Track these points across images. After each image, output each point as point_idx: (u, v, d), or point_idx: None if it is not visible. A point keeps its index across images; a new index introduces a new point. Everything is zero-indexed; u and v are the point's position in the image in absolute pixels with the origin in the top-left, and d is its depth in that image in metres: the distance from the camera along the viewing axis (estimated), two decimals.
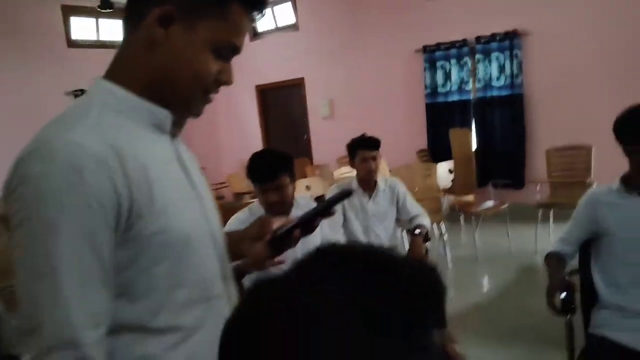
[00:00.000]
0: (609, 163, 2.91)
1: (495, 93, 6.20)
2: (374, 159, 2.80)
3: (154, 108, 0.90)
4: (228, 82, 0.94)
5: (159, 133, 0.92)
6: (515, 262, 4.49)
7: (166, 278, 0.86)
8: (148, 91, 0.89)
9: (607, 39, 5.36)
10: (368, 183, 2.86)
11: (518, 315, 3.45)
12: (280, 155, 2.18)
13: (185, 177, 0.95)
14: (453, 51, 6.44)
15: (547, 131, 5.81)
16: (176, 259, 0.87)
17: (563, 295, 1.82)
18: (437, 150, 6.42)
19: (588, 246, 1.99)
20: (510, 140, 6.09)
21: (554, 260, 1.99)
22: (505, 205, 4.89)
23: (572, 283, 1.85)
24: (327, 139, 7.46)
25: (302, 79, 7.94)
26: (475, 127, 6.36)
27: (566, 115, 5.64)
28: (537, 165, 5.69)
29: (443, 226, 4.71)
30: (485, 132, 6.32)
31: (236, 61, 0.95)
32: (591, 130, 4.83)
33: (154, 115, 0.90)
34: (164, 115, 0.91)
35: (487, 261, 4.69)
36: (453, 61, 6.46)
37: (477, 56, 6.27)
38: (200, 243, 0.92)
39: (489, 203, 5.16)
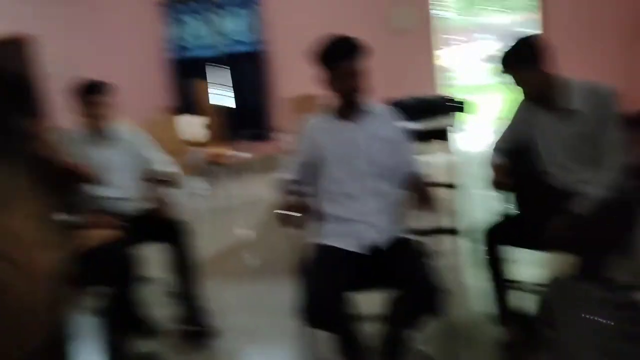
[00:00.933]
0: None
1: (240, 48, 6.36)
2: (103, 105, 2.58)
3: None
4: None
5: None
6: (266, 206, 4.76)
7: None
8: None
9: None
10: (99, 132, 2.63)
11: (266, 253, 3.68)
12: None
13: None
14: (196, 6, 6.35)
15: (287, 83, 6.21)
16: None
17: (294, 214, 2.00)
18: (185, 105, 6.31)
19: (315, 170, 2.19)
20: (256, 93, 6.35)
21: (283, 186, 2.16)
22: (256, 155, 5.12)
23: (300, 202, 2.04)
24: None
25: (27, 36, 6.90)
26: (224, 82, 6.44)
27: (303, 67, 6.08)
28: (281, 115, 6.06)
29: (197, 180, 4.71)
30: (233, 87, 6.45)
31: None
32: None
33: None
34: None
35: (241, 208, 4.86)
36: (196, 16, 6.38)
37: (221, 11, 6.31)
38: None
39: (241, 154, 5.34)
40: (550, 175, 2.15)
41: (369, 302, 2.03)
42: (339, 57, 1.98)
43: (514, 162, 2.23)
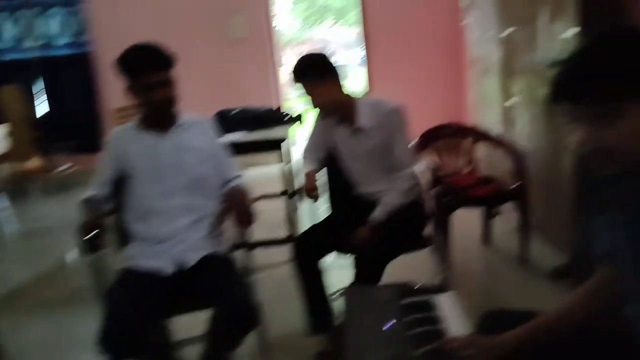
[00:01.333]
0: None
1: (59, 52, 5.77)
2: None
3: None
4: None
5: None
6: (78, 228, 4.30)
7: None
8: None
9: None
10: None
11: (77, 281, 3.28)
12: None
13: None
14: (5, 3, 5.64)
15: (116, 90, 5.77)
16: None
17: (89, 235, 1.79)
18: None
19: (122, 186, 2.00)
20: (81, 101, 5.81)
21: (87, 204, 1.94)
22: (79, 169, 4.66)
23: (100, 223, 1.84)
24: None
25: None
26: (38, 88, 5.79)
27: None
28: (109, 125, 5.61)
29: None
30: (52, 93, 5.83)
31: None
32: None
33: None
34: None
35: (57, 230, 4.33)
36: (6, 14, 5.68)
37: (35, 10, 5.68)
38: None
39: (61, 168, 4.82)
40: (354, 184, 2.24)
41: (188, 325, 1.90)
42: (142, 67, 1.84)
43: (324, 170, 2.28)
